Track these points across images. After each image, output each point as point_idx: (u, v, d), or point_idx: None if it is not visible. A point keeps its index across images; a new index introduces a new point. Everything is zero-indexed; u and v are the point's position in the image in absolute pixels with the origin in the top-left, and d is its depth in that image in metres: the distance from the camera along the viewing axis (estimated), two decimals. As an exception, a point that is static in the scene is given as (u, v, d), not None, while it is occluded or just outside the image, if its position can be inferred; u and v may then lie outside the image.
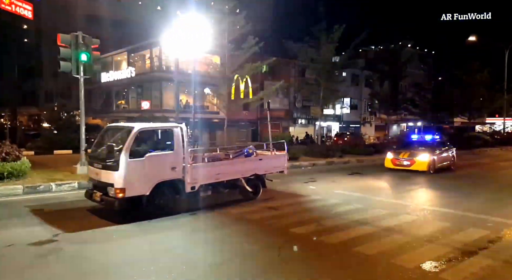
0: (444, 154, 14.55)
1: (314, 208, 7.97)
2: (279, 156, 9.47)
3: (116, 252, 5.10)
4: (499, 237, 5.76)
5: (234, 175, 8.06)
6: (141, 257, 4.87)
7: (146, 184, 6.47)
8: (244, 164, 8.51)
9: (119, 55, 33.63)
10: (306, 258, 4.86)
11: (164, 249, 5.23)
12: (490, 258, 4.81)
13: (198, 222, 6.75)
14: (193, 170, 7.15)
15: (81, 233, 5.85)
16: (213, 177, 7.60)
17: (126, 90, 34.22)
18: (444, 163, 14.40)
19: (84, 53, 11.56)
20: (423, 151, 13.78)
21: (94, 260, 4.75)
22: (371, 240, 5.61)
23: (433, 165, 13.42)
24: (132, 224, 6.31)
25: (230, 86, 16.69)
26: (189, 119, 31.82)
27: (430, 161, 13.31)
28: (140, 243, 5.53)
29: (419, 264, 4.57)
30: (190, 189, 7.11)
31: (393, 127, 43.31)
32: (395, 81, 31.21)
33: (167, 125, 7.89)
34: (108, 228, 6.16)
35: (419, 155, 13.51)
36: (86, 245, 5.35)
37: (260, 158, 8.89)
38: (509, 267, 4.62)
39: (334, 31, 19.98)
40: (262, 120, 34.08)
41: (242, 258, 4.86)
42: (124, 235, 5.89)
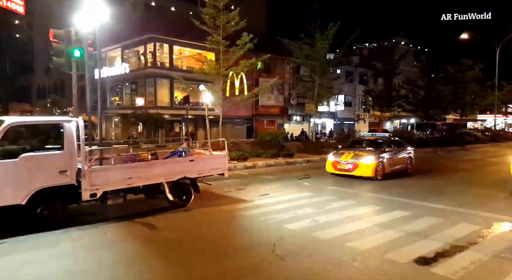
0: (397, 155, 12.15)
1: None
2: (217, 157, 8.43)
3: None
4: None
5: (155, 179, 6.94)
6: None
7: (20, 191, 5.41)
8: (168, 166, 7.25)
9: (113, 51, 33.37)
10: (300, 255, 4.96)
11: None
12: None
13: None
14: (93, 174, 6.05)
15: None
16: (123, 181, 6.46)
17: (120, 86, 34.02)
18: (398, 166, 12.09)
19: (77, 49, 11.47)
20: (369, 153, 11.38)
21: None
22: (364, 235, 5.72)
23: (382, 169, 11.11)
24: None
25: (225, 83, 16.72)
26: (184, 116, 31.78)
27: (377, 165, 10.91)
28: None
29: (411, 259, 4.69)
30: (90, 196, 6.06)
31: (386, 123, 43.70)
32: (388, 78, 31.48)
33: (55, 119, 6.87)
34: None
35: (363, 158, 11.05)
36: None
37: (191, 159, 7.70)
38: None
39: (329, 29, 20.06)
40: (257, 116, 34.16)
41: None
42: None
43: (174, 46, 29.33)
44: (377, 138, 12.85)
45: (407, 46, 44.28)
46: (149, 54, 29.07)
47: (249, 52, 16.93)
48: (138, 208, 7.30)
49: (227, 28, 16.25)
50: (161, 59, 29.63)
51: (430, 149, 23.44)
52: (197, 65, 19.67)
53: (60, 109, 27.28)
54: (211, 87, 17.39)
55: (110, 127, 35.91)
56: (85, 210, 6.73)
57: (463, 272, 4.29)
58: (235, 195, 8.82)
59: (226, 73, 16.40)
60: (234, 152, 15.02)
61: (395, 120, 43.90)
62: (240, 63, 16.52)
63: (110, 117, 35.51)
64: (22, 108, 43.48)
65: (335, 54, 22.52)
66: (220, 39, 16.18)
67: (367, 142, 12.62)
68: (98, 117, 13.20)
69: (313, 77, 21.35)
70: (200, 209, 7.41)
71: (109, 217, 6.62)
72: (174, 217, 6.87)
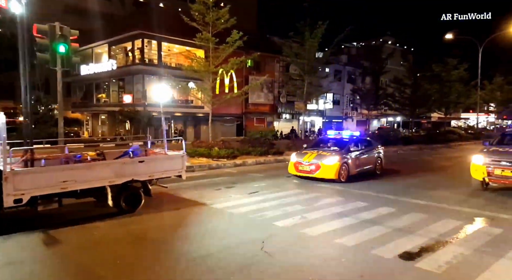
0: (365, 155, 11.48)
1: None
2: (173, 157, 7.72)
3: None
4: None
5: (96, 182, 6.30)
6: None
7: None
8: (112, 168, 6.56)
9: (100, 47, 32.85)
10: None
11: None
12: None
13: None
14: (17, 177, 5.41)
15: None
16: (56, 185, 5.81)
17: (107, 83, 33.53)
18: (365, 167, 11.40)
19: (62, 44, 11.25)
20: (333, 153, 10.64)
21: None
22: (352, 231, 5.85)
23: (346, 171, 10.41)
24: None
25: (214, 80, 16.70)
26: (173, 113, 31.55)
27: (340, 166, 10.20)
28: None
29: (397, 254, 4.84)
30: (14, 202, 5.41)
31: (373, 122, 44.36)
32: (376, 77, 31.96)
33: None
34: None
35: (326, 158, 10.30)
36: None
37: (140, 160, 7.00)
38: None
39: (318, 27, 20.22)
40: (247, 114, 34.18)
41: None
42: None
43: (163, 42, 29.05)
44: (343, 137, 11.85)
45: (394, 45, 44.95)
46: (137, 50, 28.75)
47: (239, 50, 16.94)
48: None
49: (216, 25, 16.23)
50: (149, 55, 29.32)
51: (416, 146, 23.91)
52: (186, 62, 19.57)
53: (45, 106, 26.71)
54: (201, 85, 17.35)
55: (97, 125, 35.39)
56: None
57: (446, 267, 4.44)
58: (226, 193, 8.86)
59: (215, 70, 16.38)
60: (223, 150, 15.04)
61: (382, 118, 44.63)
62: (229, 60, 16.52)
63: (97, 115, 35.00)
64: (5, 105, 42.39)
65: (324, 53, 22.73)
66: (209, 36, 16.14)
67: (332, 141, 11.75)
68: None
69: (303, 76, 21.52)
70: (188, 208, 7.43)
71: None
72: (161, 216, 6.87)
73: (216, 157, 14.49)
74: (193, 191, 9.06)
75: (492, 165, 8.73)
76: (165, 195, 8.45)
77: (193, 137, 29.32)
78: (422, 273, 4.27)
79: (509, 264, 4.57)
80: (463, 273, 4.27)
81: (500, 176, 8.63)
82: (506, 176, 8.54)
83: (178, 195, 8.58)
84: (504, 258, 4.72)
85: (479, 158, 9.09)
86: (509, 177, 8.49)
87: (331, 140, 11.89)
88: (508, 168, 8.47)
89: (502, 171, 8.58)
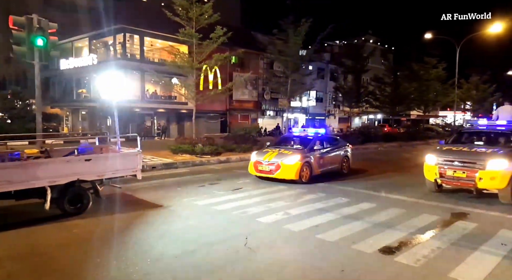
0: (330, 154, 10.93)
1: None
2: (127, 155, 7.23)
3: None
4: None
5: (34, 182, 5.79)
6: None
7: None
8: (52, 167, 6.04)
9: (80, 41, 32.01)
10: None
11: None
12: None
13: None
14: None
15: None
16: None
17: (88, 78, 32.71)
18: (330, 166, 10.90)
19: (40, 37, 10.93)
20: (295, 151, 10.04)
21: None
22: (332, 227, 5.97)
23: (308, 170, 9.82)
24: None
25: (198, 77, 16.57)
26: (157, 110, 31.14)
27: (302, 166, 9.59)
28: None
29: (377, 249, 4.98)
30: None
31: (355, 119, 45.09)
32: (357, 75, 32.46)
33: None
34: None
35: (286, 157, 9.68)
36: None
37: (87, 159, 6.48)
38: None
39: (301, 25, 20.34)
40: (231, 111, 34.10)
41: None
42: None
43: (145, 37, 28.56)
44: (307, 135, 11.20)
45: (376, 44, 45.71)
46: (119, 45, 28.16)
47: (223, 46, 16.85)
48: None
49: (200, 20, 16.06)
50: (132, 50, 28.79)
51: (396, 143, 24.51)
52: (169, 57, 19.32)
53: (22, 101, 25.86)
54: (184, 81, 17.18)
55: (77, 121, 34.52)
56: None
57: (424, 260, 4.60)
58: (210, 190, 8.85)
59: (199, 66, 16.25)
60: (207, 146, 14.98)
61: (364, 115, 45.40)
62: (214, 56, 16.42)
63: (77, 110, 34.12)
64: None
65: (307, 50, 22.88)
66: (193, 32, 15.97)
67: (297, 139, 11.07)
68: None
69: (286, 73, 21.63)
70: (176, 206, 7.39)
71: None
72: (144, 214, 6.81)
73: (200, 153, 14.43)
74: (176, 188, 9.01)
75: (445, 166, 8.06)
76: (142, 191, 8.37)
77: (176, 134, 29.03)
78: (401, 267, 4.41)
79: (483, 256, 4.78)
80: (440, 266, 4.44)
81: (452, 177, 7.97)
82: (459, 178, 7.88)
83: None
84: (478, 251, 4.93)
85: (432, 158, 8.40)
86: (461, 178, 7.83)
87: (295, 138, 11.20)
88: (461, 169, 7.82)
89: (454, 172, 7.91)
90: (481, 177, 7.50)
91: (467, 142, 8.97)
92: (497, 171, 7.40)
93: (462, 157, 7.93)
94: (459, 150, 8.23)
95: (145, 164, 12.24)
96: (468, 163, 7.77)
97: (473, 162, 7.69)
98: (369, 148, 21.37)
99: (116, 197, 7.82)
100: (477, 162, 7.63)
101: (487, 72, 41.40)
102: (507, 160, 7.43)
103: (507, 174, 7.36)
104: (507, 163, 7.41)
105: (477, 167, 7.59)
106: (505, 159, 7.47)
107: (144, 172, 11.41)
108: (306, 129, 12.00)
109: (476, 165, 7.63)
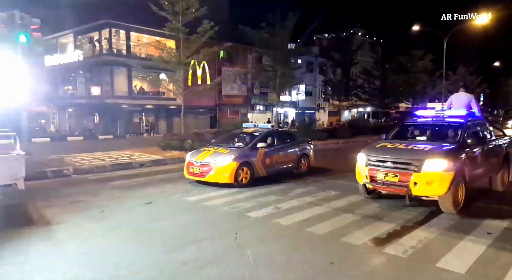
0: (281, 152, 9.59)
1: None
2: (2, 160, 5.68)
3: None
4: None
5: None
6: None
7: None
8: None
9: (65, 37, 31.37)
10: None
11: None
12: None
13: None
14: None
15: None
16: None
17: (73, 74, 32.13)
18: (282, 166, 9.63)
19: (23, 33, 10.71)
20: (232, 150, 8.79)
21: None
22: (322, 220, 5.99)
23: (248, 172, 8.55)
24: None
25: (186, 72, 16.39)
26: (145, 106, 30.79)
27: (238, 167, 8.27)
28: None
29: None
30: None
31: (344, 112, 45.37)
32: (346, 68, 32.59)
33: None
34: None
35: (219, 157, 8.40)
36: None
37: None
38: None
39: (289, 18, 20.27)
40: (221, 106, 33.94)
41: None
42: None
43: (131, 32, 28.13)
44: (254, 131, 9.83)
45: (364, 37, 45.92)
46: (104, 40, 27.66)
47: (211, 41, 16.68)
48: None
49: (187, 14, 15.85)
50: (118, 46, 28.33)
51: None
52: (156, 52, 19.07)
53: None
54: (172, 76, 16.99)
55: (64, 118, 33.93)
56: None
57: (412, 251, 4.66)
58: (199, 186, 8.79)
59: (187, 61, 16.06)
60: (197, 142, 14.88)
61: (353, 109, 45.71)
62: (201, 51, 16.26)
63: (64, 108, 33.53)
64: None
65: (296, 44, 22.82)
66: (179, 26, 15.76)
67: (245, 136, 9.74)
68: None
69: (275, 67, 21.56)
70: (167, 203, 7.33)
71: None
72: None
73: (190, 149, 14.29)
74: (166, 184, 8.93)
75: (376, 167, 6.53)
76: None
77: (165, 130, 28.80)
78: (390, 258, 4.45)
79: (468, 245, 4.86)
80: (427, 256, 4.50)
81: (382, 182, 6.40)
82: (390, 182, 6.31)
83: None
84: (464, 241, 5.01)
85: (362, 157, 6.85)
86: (393, 183, 6.28)
87: (243, 135, 9.88)
88: (393, 171, 6.30)
89: (385, 176, 6.36)
90: (416, 182, 5.98)
91: (410, 137, 7.48)
92: (435, 173, 5.89)
93: (395, 156, 6.42)
94: (394, 148, 6.67)
95: (133, 161, 12.12)
96: (401, 164, 6.26)
97: (408, 163, 6.19)
98: (357, 141, 21.51)
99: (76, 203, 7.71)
100: (412, 162, 6.12)
101: (474, 63, 42.00)
102: (448, 160, 5.96)
103: (447, 177, 5.87)
104: (447, 163, 5.92)
105: (412, 168, 6.08)
106: (444, 158, 5.98)
107: (132, 169, 11.38)
108: (257, 124, 10.76)
109: (410, 167, 6.12)
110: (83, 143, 20.37)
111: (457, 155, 6.26)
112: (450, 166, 5.94)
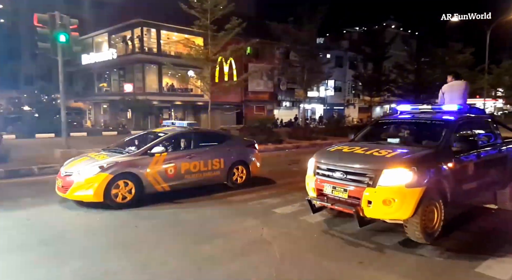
0: (195, 159, 7.23)
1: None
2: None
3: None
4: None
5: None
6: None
7: None
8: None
9: (100, 36, 32.64)
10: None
11: None
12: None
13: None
14: None
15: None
16: None
17: (108, 72, 33.42)
18: (199, 178, 7.33)
19: (62, 33, 11.21)
20: (112, 156, 6.71)
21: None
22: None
23: (128, 186, 6.29)
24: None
25: (213, 68, 16.54)
26: (174, 102, 31.48)
27: (110, 180, 6.10)
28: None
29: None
30: None
31: (376, 109, 44.02)
32: (378, 63, 31.53)
33: None
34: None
35: (84, 167, 6.37)
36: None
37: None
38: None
39: (317, 12, 19.89)
40: (247, 102, 34.03)
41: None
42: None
43: (162, 30, 28.79)
44: (162, 132, 7.58)
45: (397, 29, 44.25)
46: (136, 39, 28.50)
47: (238, 37, 16.71)
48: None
49: (215, 12, 15.95)
50: (149, 44, 29.12)
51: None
52: (185, 50, 19.39)
53: (48, 95, 26.77)
54: (200, 73, 17.21)
55: (99, 114, 35.44)
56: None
57: (448, 253, 4.43)
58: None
59: (214, 58, 16.20)
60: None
61: (385, 105, 44.25)
62: (228, 48, 16.33)
63: (99, 104, 35.02)
64: (9, 95, 42.53)
65: (324, 38, 22.36)
66: (208, 24, 15.90)
67: (147, 137, 7.73)
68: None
69: (302, 62, 21.27)
70: (190, 198, 7.43)
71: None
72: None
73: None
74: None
75: (324, 177, 5.02)
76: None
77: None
78: (423, 260, 4.26)
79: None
80: (466, 260, 4.26)
81: (327, 197, 4.90)
82: (338, 198, 4.75)
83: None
84: (509, 244, 4.68)
85: (311, 163, 5.38)
86: (341, 199, 4.73)
87: (149, 136, 7.77)
88: (342, 184, 4.72)
89: (333, 189, 4.81)
90: (370, 200, 4.37)
91: (383, 138, 5.79)
92: (395, 188, 4.27)
93: (346, 163, 4.78)
94: (350, 152, 5.02)
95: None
96: (352, 175, 4.66)
97: (361, 173, 4.59)
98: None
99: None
100: (367, 173, 4.52)
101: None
102: (414, 170, 4.30)
103: (412, 194, 4.25)
104: (412, 175, 4.28)
105: (366, 181, 4.50)
106: (409, 168, 4.30)
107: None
108: (176, 122, 8.54)
109: (364, 179, 4.53)
110: (116, 138, 21.15)
111: (431, 164, 4.54)
112: (418, 180, 4.28)
